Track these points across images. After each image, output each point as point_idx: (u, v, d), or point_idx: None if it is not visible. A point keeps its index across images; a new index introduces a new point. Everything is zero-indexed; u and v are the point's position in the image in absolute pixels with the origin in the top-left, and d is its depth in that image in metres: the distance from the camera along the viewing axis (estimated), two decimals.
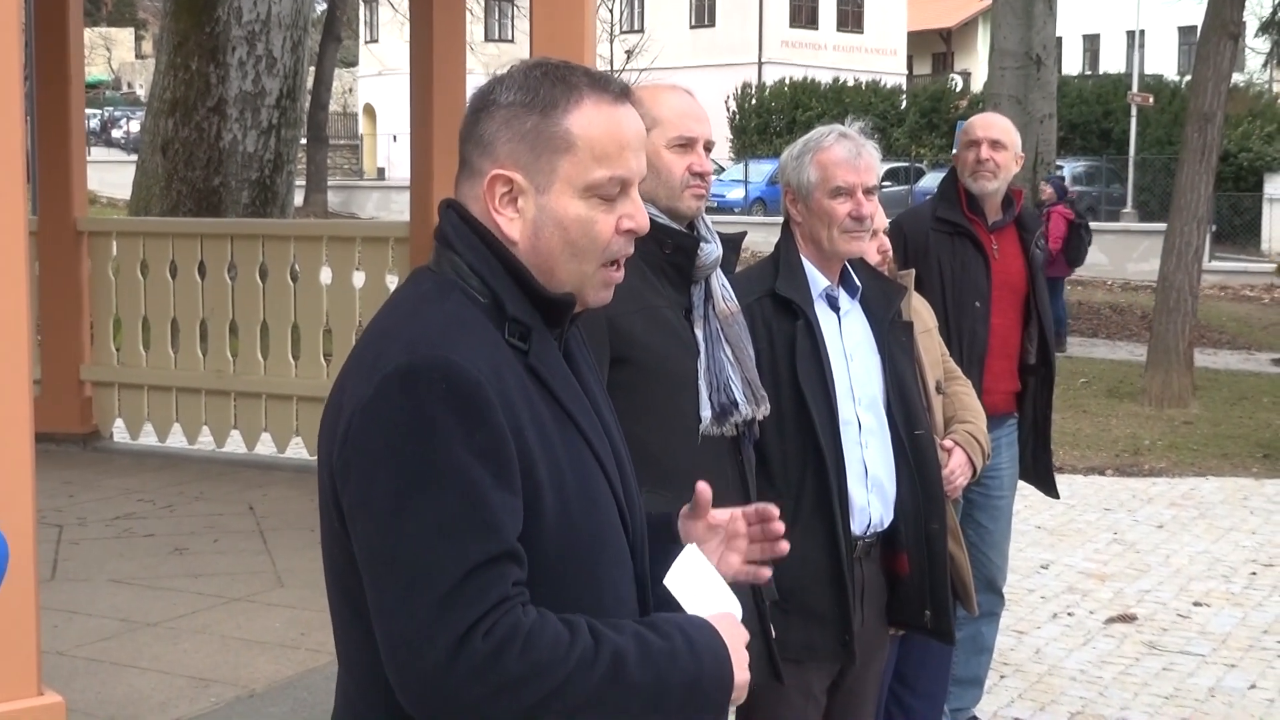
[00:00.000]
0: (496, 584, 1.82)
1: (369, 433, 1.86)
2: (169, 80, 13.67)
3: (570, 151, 1.96)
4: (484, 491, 1.83)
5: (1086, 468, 10.78)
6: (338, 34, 39.55)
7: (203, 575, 5.83)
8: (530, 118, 1.96)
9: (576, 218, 1.97)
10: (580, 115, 1.97)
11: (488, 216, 1.99)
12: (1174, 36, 51.58)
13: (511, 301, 1.97)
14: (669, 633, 1.92)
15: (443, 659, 1.78)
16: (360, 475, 1.87)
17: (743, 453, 3.16)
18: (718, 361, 3.10)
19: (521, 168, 1.97)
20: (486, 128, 1.99)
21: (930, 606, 3.68)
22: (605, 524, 2.00)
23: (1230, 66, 14.53)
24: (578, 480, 1.96)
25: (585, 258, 1.99)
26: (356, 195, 44.06)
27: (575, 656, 1.82)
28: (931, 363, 4.28)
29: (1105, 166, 38.31)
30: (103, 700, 4.49)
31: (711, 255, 3.13)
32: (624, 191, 2.00)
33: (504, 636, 1.79)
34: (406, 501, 1.82)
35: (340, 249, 8.14)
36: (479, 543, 1.82)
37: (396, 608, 1.82)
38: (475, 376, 1.85)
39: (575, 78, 2.00)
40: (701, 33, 52.96)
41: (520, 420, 1.89)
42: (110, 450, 8.49)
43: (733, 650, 1.96)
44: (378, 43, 56.34)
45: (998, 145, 5.07)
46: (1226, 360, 18.01)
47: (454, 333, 1.90)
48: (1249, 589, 7.59)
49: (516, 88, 1.99)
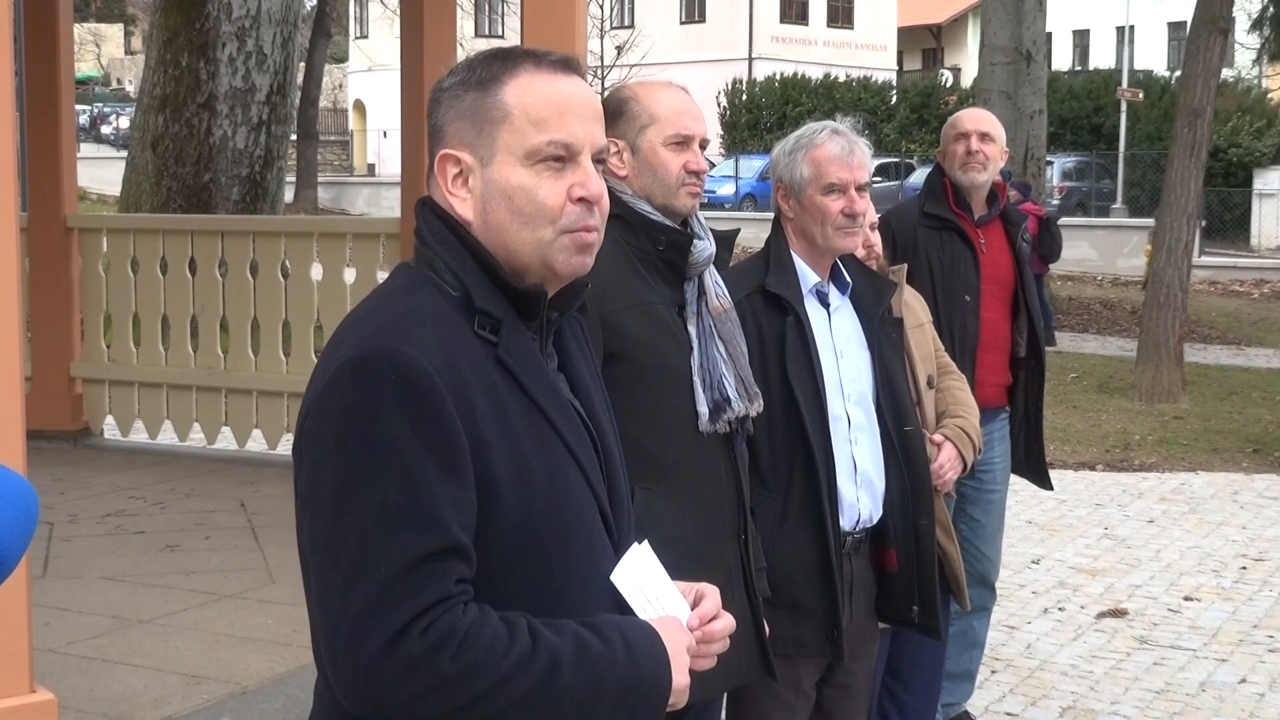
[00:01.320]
0: (437, 581, 1.81)
1: (320, 422, 1.87)
2: (159, 76, 13.64)
3: (506, 120, 1.95)
4: (428, 484, 1.82)
5: (1077, 463, 10.80)
6: (328, 30, 39.50)
7: (194, 572, 5.83)
8: (469, 95, 1.97)
9: (519, 185, 1.95)
10: (516, 85, 1.96)
11: (444, 200, 1.99)
12: (1164, 32, 51.65)
13: (480, 294, 1.95)
14: (609, 636, 1.90)
15: (376, 654, 1.78)
16: (309, 464, 1.88)
17: (736, 449, 3.16)
18: (711, 358, 3.10)
19: (466, 145, 1.97)
20: (436, 116, 2.01)
21: (919, 602, 3.69)
22: (576, 518, 1.97)
23: (1220, 62, 14.56)
24: (545, 473, 1.93)
25: (535, 224, 1.95)
26: (347, 191, 43.99)
27: (511, 659, 1.81)
28: (924, 357, 4.28)
29: (1095, 162, 38.38)
30: (95, 697, 4.49)
31: (705, 252, 3.14)
32: (571, 158, 1.96)
33: (440, 636, 1.79)
34: (350, 492, 1.82)
35: (331, 245, 8.14)
36: (420, 537, 1.81)
37: (334, 598, 1.82)
38: (424, 367, 1.84)
39: (515, 54, 2.00)
40: (692, 28, 52.94)
41: (477, 412, 1.86)
42: (101, 447, 8.48)
43: (673, 655, 1.96)
44: (367, 38, 56.24)
45: (986, 138, 5.08)
46: (1216, 355, 18.05)
47: (410, 324, 1.89)
48: (1239, 583, 7.61)
49: (459, 71, 2.01)
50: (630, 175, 3.12)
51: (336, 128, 58.73)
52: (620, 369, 2.97)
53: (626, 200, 3.09)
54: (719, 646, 2.10)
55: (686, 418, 3.07)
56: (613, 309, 2.97)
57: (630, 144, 3.12)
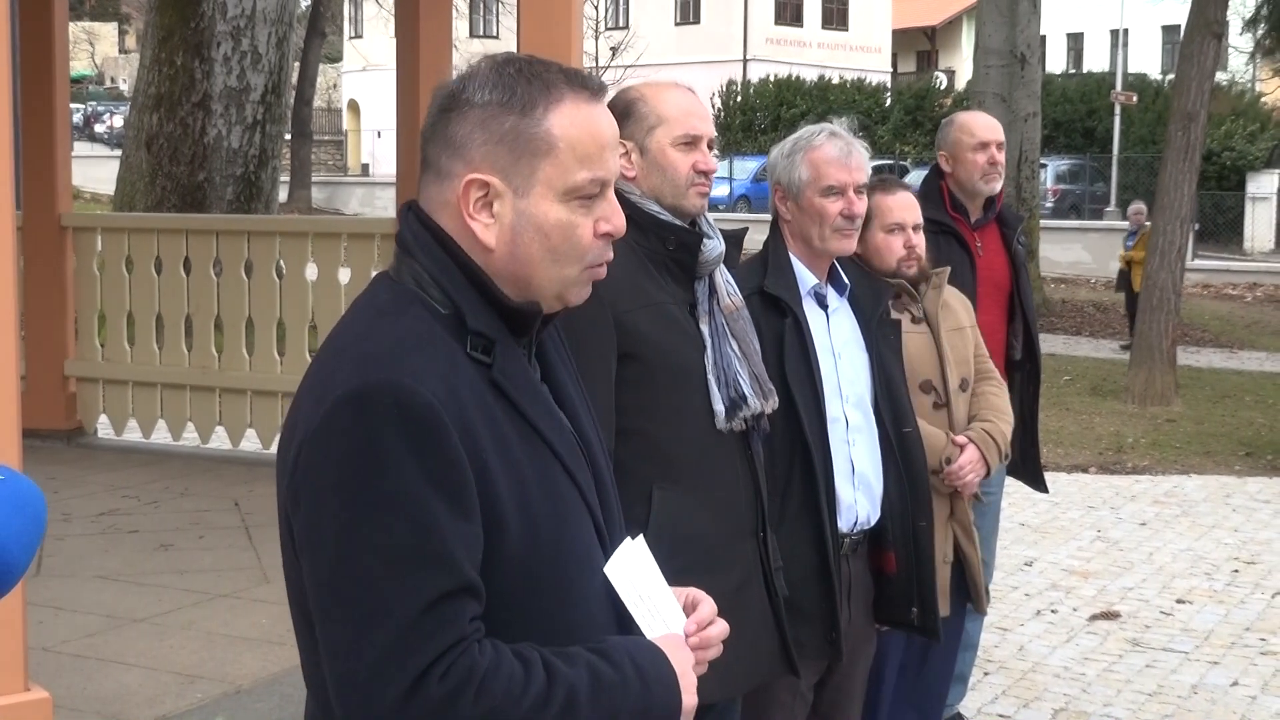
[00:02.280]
0: (452, 622, 1.76)
1: (318, 462, 1.79)
2: (153, 75, 13.64)
3: (551, 154, 1.87)
4: (438, 523, 1.76)
5: (1070, 465, 10.81)
6: (322, 29, 39.47)
7: (188, 571, 5.83)
8: (509, 118, 1.87)
9: (558, 222, 1.89)
10: (561, 115, 1.88)
11: (460, 222, 1.90)
12: (1158, 35, 51.71)
13: (473, 313, 1.88)
14: (620, 662, 1.88)
15: (395, 703, 1.72)
16: (309, 506, 1.80)
17: (752, 447, 3.16)
18: (725, 356, 3.11)
19: (499, 171, 1.87)
20: (458, 129, 1.89)
21: (917, 603, 3.70)
22: (575, 538, 1.94)
23: (1214, 66, 14.57)
24: (545, 496, 1.89)
25: (566, 262, 1.91)
26: (341, 191, 43.98)
27: (530, 699, 1.77)
28: (960, 360, 4.29)
29: (1089, 165, 38.42)
30: (89, 696, 4.49)
31: (715, 251, 3.14)
32: (602, 193, 1.92)
33: (460, 681, 1.74)
34: (356, 534, 1.75)
35: (326, 245, 8.13)
36: (433, 578, 1.75)
37: (347, 648, 1.76)
38: (428, 400, 1.77)
39: (552, 75, 1.91)
40: (687, 29, 52.96)
41: (479, 442, 1.81)
42: (95, 446, 8.47)
43: (681, 676, 1.94)
44: (362, 38, 56.24)
45: (1001, 146, 5.11)
46: (1209, 358, 18.07)
47: (407, 352, 1.81)
48: (1231, 586, 7.62)
49: (490, 86, 1.89)
50: (639, 176, 3.13)
51: (331, 127, 58.71)
52: (634, 369, 2.98)
53: (635, 201, 3.08)
54: (714, 653, 2.07)
55: (702, 416, 3.07)
56: (625, 309, 2.97)
57: (639, 144, 3.13)
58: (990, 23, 17.02)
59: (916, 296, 4.21)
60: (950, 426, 4.22)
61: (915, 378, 4.17)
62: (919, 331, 4.20)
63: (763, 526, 3.18)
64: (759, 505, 3.16)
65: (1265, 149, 37.53)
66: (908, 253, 4.13)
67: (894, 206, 4.14)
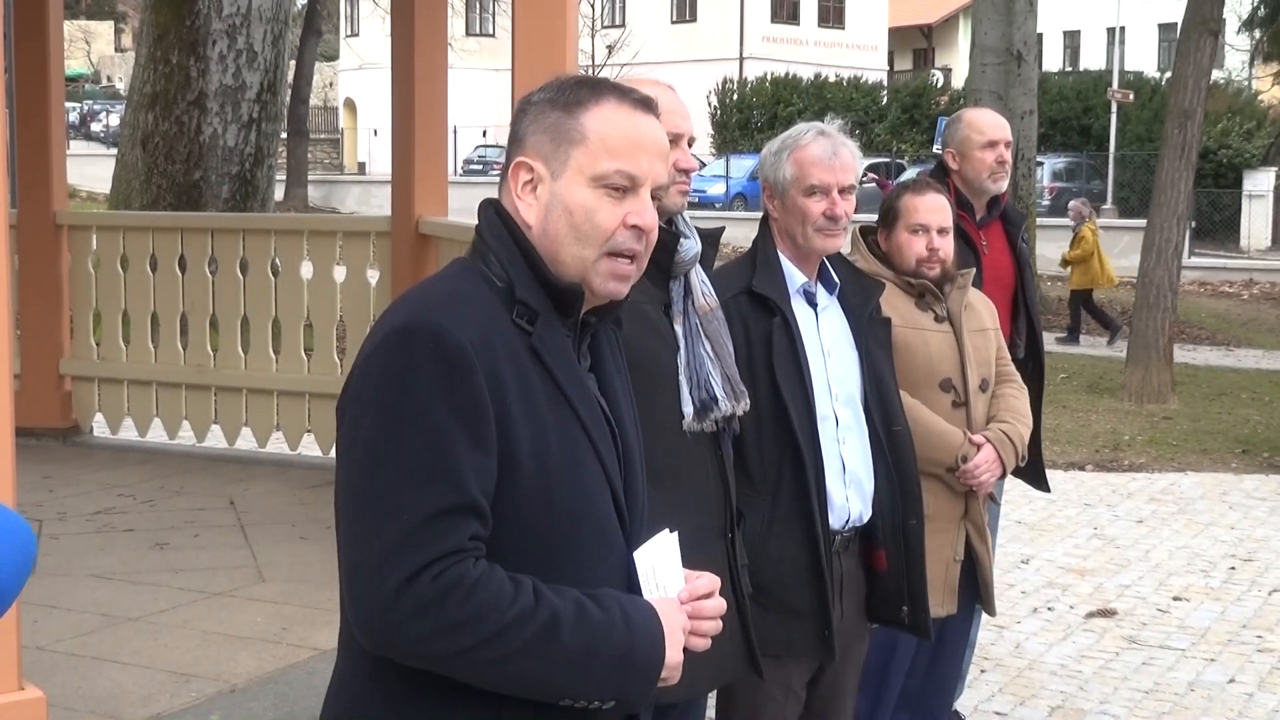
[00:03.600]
0: (453, 533, 1.96)
1: (363, 381, 2.04)
2: (149, 74, 13.61)
3: (583, 143, 2.12)
4: (454, 446, 1.97)
5: (1067, 463, 10.81)
6: (318, 28, 39.45)
7: (183, 570, 5.82)
8: (554, 113, 2.14)
9: (582, 204, 2.11)
10: (599, 113, 2.13)
11: (511, 202, 2.16)
12: (1154, 33, 51.74)
13: (522, 286, 2.11)
14: (608, 605, 2.04)
15: (390, 594, 1.94)
16: (350, 419, 2.05)
17: (722, 448, 3.16)
18: (697, 357, 3.10)
19: (542, 157, 2.13)
20: (520, 125, 2.18)
21: (908, 602, 3.69)
22: (590, 503, 2.11)
23: (1210, 63, 14.59)
24: (563, 456, 2.07)
25: (587, 242, 2.11)
26: (337, 190, 43.94)
27: (514, 611, 1.96)
28: (981, 361, 4.28)
29: (1085, 163, 38.44)
30: (84, 695, 4.48)
31: (690, 251, 3.14)
32: (634, 189, 2.13)
33: (450, 582, 1.94)
34: (383, 446, 1.99)
35: (322, 243, 8.12)
36: (442, 492, 1.96)
37: (359, 542, 1.98)
38: (461, 341, 2.00)
39: (603, 85, 2.17)
40: (683, 28, 52.97)
41: (505, 389, 2.02)
42: (90, 445, 8.46)
43: (668, 631, 2.08)
44: (358, 36, 56.21)
45: (1009, 145, 5.11)
46: (1206, 356, 18.08)
47: (454, 304, 2.06)
48: (1228, 584, 7.62)
49: (550, 89, 2.18)
50: None
51: (327, 126, 58.69)
52: None
53: None
54: (710, 626, 2.20)
55: (674, 417, 3.06)
56: None
57: None
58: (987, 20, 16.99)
59: (940, 296, 4.21)
60: (968, 426, 4.21)
61: (935, 376, 4.17)
62: (942, 331, 4.20)
63: (731, 527, 3.17)
64: (728, 506, 3.16)
65: (1261, 147, 37.59)
66: (929, 255, 4.13)
67: (920, 207, 4.15)
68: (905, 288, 4.17)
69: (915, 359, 4.11)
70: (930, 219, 4.15)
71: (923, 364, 4.15)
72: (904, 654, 4.34)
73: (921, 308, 4.19)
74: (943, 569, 4.16)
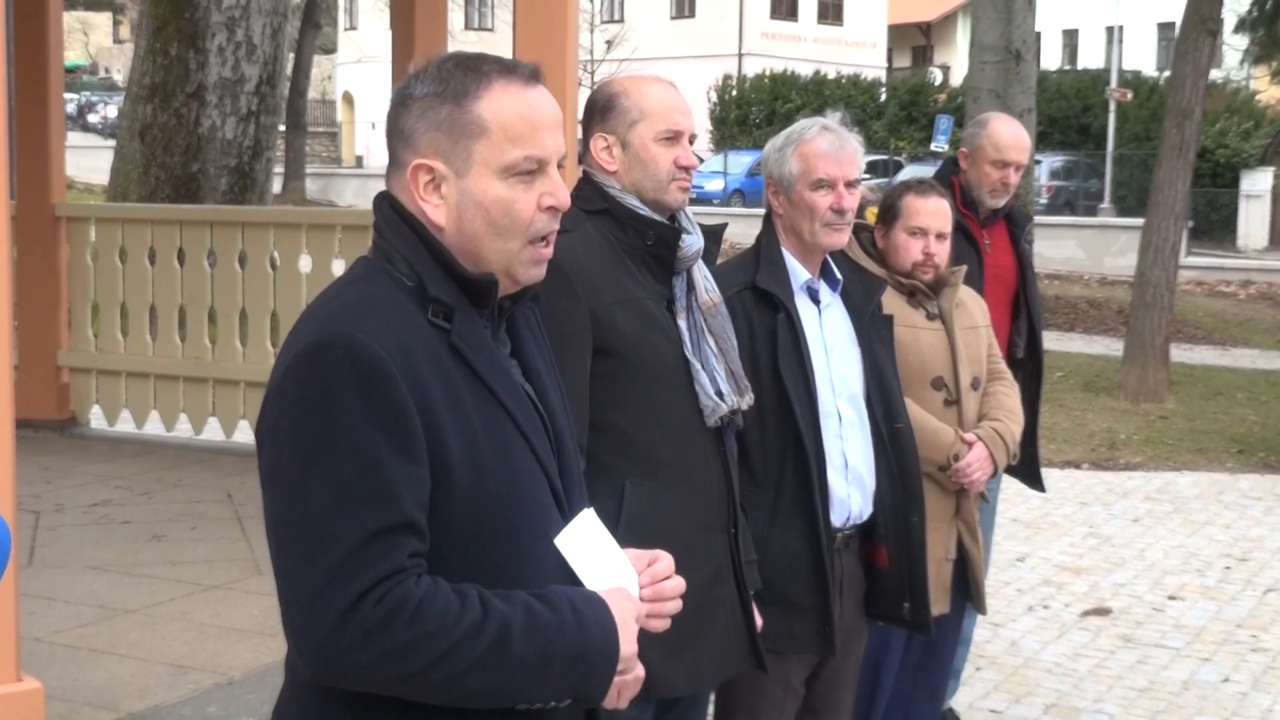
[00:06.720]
0: (391, 554, 1.90)
1: (278, 407, 1.96)
2: (148, 65, 13.60)
3: (484, 135, 2.03)
4: (382, 463, 1.90)
5: (1063, 461, 10.82)
6: (317, 20, 39.41)
7: (180, 562, 5.82)
8: (444, 107, 2.04)
9: (496, 198, 2.04)
10: (490, 100, 2.04)
11: (415, 205, 2.06)
12: (1153, 32, 51.73)
13: (434, 283, 2.03)
14: (558, 605, 1.99)
15: (333, 624, 1.87)
16: (270, 447, 1.97)
17: (725, 443, 3.16)
18: (702, 353, 3.10)
19: (441, 155, 2.04)
20: (405, 121, 2.07)
21: (910, 598, 3.70)
22: (527, 496, 2.06)
23: (1208, 63, 14.59)
24: (494, 450, 2.01)
25: (509, 236, 2.06)
26: (335, 183, 43.92)
27: (462, 627, 1.90)
28: (972, 359, 4.29)
29: (1083, 161, 38.45)
30: (81, 686, 4.49)
31: (693, 247, 3.14)
32: (542, 170, 2.06)
33: (393, 606, 1.87)
34: (308, 471, 1.91)
35: (320, 236, 8.12)
36: (375, 512, 1.89)
37: (294, 573, 1.92)
38: (377, 352, 1.92)
39: (484, 65, 2.07)
40: (682, 24, 52.92)
41: (429, 395, 1.95)
42: (87, 436, 8.46)
43: (620, 624, 2.03)
44: (357, 30, 56.18)
45: (1020, 169, 5.11)
46: (1202, 355, 18.10)
47: (365, 313, 1.97)
48: (1223, 583, 7.64)
49: (430, 80, 2.07)
50: (620, 170, 3.12)
51: (325, 119, 58.62)
52: (611, 364, 2.98)
53: (615, 195, 3.09)
54: (671, 607, 2.17)
55: (676, 412, 3.06)
56: (602, 304, 2.97)
57: (621, 139, 3.12)
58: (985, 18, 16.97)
59: (932, 294, 4.21)
60: (960, 424, 4.22)
61: (927, 374, 4.18)
62: (933, 329, 4.21)
63: (734, 522, 3.17)
64: (731, 501, 3.16)
65: (1259, 146, 37.58)
66: (925, 259, 4.14)
67: (920, 210, 4.16)
68: (897, 286, 4.18)
69: (907, 357, 4.12)
70: (930, 223, 4.16)
71: (914, 362, 4.15)
72: (896, 654, 4.34)
73: (913, 306, 4.20)
74: (935, 567, 4.16)
